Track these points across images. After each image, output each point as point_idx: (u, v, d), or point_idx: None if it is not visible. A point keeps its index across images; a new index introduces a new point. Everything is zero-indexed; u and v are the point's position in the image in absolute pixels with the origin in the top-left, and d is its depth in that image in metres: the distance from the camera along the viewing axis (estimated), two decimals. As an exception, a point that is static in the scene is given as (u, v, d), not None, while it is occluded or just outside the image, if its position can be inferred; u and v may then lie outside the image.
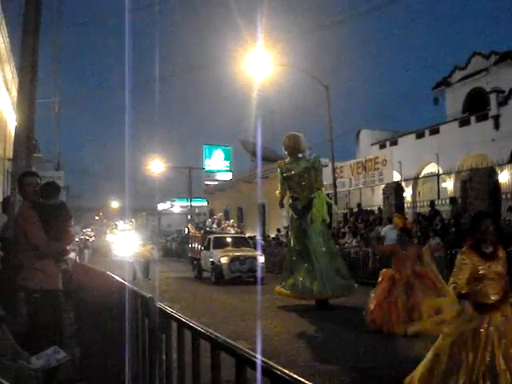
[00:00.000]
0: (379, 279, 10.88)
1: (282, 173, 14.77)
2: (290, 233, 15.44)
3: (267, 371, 1.49)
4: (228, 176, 53.18)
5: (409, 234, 11.30)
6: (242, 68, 24.89)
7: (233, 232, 25.70)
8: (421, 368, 5.37)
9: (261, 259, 21.41)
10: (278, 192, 15.14)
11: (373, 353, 8.51)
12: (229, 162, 55.14)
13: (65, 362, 4.43)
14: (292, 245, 14.49)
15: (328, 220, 14.63)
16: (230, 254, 21.54)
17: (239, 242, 23.84)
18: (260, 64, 23.93)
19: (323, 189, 15.26)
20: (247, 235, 28.12)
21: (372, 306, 10.24)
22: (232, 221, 28.99)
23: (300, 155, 14.77)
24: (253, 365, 1.54)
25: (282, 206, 15.42)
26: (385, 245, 16.34)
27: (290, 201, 14.72)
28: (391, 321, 9.83)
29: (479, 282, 5.20)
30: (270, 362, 1.49)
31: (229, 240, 23.71)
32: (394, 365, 7.48)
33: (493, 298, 5.17)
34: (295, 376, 1.36)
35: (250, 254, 21.83)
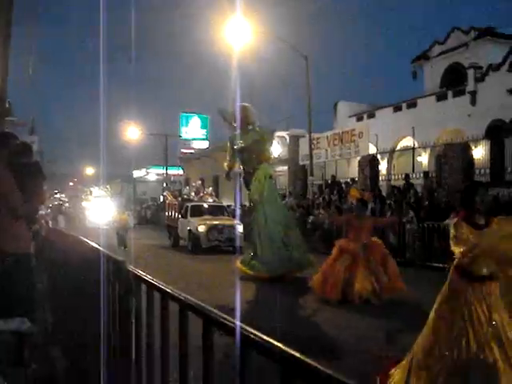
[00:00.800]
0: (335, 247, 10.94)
1: (232, 145, 14.48)
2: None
3: (233, 330, 1.50)
4: (204, 144, 52.85)
5: (365, 205, 11.52)
6: (221, 36, 24.64)
7: (211, 201, 25.50)
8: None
9: (239, 228, 21.10)
10: (225, 164, 14.87)
11: (335, 322, 8.65)
12: (205, 130, 54.74)
13: (35, 328, 4.43)
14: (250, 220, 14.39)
15: (261, 195, 13.91)
16: (208, 222, 21.32)
17: (217, 210, 23.60)
18: (239, 32, 23.70)
19: (270, 161, 14.87)
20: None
21: (316, 274, 10.64)
22: (210, 189, 28.63)
23: (250, 127, 14.44)
24: (220, 325, 1.55)
25: (228, 178, 15.22)
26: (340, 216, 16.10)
27: (243, 174, 14.49)
28: (327, 287, 10.10)
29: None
30: (238, 322, 1.50)
31: (207, 208, 23.58)
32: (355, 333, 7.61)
33: (485, 269, 5.03)
34: (262, 335, 1.37)
35: (228, 222, 21.60)
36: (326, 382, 1.14)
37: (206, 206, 23.88)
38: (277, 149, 35.25)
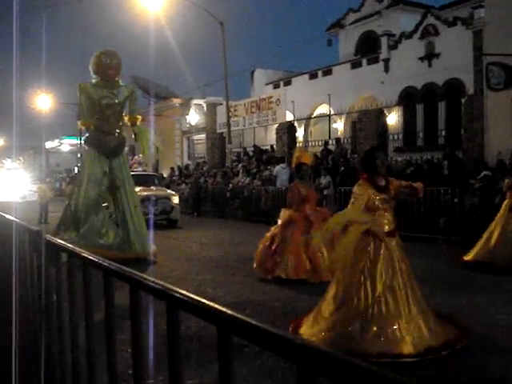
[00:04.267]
0: (278, 220, 9.51)
1: (89, 98, 11.62)
2: (83, 176, 11.87)
3: (162, 293, 1.45)
4: (120, 112, 51.47)
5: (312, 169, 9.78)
6: None
7: (140, 170, 23.87)
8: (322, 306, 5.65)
9: (175, 199, 19.60)
10: (80, 122, 12.64)
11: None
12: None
13: None
14: (85, 192, 11.61)
15: (150, 158, 12.39)
16: (139, 194, 19.92)
17: (149, 180, 21.26)
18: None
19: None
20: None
21: (262, 251, 9.15)
22: (141, 156, 25.08)
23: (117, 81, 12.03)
24: (148, 288, 1.50)
25: (87, 140, 12.48)
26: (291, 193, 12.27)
27: (94, 133, 11.98)
28: (294, 266, 8.68)
29: (374, 213, 5.52)
30: (166, 284, 1.45)
31: (136, 178, 22.30)
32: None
33: (387, 226, 5.51)
34: (193, 296, 1.33)
35: (161, 193, 19.74)
36: (261, 336, 1.12)
37: (136, 175, 22.49)
38: (194, 117, 34.96)
